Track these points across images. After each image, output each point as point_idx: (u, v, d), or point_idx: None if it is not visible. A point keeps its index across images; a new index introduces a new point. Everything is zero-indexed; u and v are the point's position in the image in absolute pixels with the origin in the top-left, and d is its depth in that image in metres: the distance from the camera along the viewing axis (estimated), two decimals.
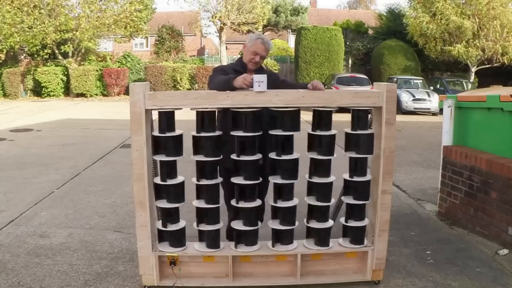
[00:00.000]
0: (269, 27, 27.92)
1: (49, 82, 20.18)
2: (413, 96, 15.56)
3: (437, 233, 3.90)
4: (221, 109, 2.78)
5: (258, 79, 2.53)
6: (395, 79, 17.36)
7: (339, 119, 3.38)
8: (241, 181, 2.72)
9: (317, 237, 2.85)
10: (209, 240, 2.80)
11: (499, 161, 3.56)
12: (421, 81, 17.49)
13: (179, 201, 2.76)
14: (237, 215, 2.82)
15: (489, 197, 3.64)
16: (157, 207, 2.82)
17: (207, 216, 2.78)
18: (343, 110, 2.75)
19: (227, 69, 3.02)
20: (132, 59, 22.28)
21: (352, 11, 39.99)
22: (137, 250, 2.79)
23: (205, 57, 27.22)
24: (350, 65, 23.14)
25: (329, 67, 19.26)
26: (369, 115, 2.77)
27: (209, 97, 2.60)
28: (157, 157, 2.71)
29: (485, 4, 17.94)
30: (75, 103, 18.25)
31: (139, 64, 22.20)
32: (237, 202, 2.75)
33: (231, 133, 2.68)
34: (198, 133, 2.68)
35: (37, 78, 20.29)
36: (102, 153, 7.38)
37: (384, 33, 23.79)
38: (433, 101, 15.20)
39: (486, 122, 3.95)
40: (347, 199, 2.85)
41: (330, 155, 2.73)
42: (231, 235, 3.00)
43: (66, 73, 20.57)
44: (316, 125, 2.74)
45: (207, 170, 2.73)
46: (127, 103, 3.31)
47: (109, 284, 2.87)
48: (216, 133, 2.69)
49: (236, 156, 2.69)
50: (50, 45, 19.25)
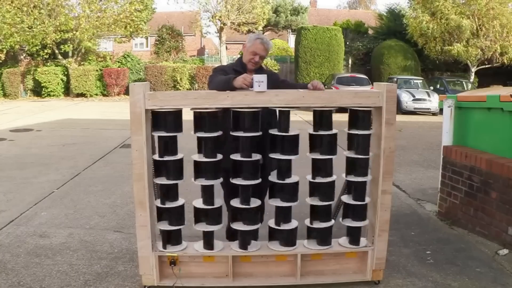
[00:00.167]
0: (269, 27, 27.94)
1: (49, 82, 20.18)
2: (413, 96, 15.56)
3: (437, 233, 3.90)
4: (221, 109, 2.78)
5: (258, 79, 2.53)
6: (395, 79, 17.35)
7: (339, 119, 3.38)
8: (241, 182, 2.71)
9: (319, 237, 2.85)
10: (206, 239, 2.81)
11: (499, 161, 3.56)
12: (421, 81, 17.49)
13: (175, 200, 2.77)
14: (238, 215, 2.82)
15: (489, 197, 3.64)
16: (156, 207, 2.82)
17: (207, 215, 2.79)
18: (343, 110, 2.75)
19: (227, 69, 3.01)
20: (132, 59, 22.28)
21: (352, 11, 40.01)
22: (137, 250, 2.79)
23: (205, 57, 27.22)
24: (350, 65, 23.14)
25: (329, 67, 19.27)
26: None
27: (209, 97, 2.60)
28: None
29: (484, 4, 17.94)
30: (75, 103, 18.25)
31: (139, 64, 22.19)
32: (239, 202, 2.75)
33: (231, 133, 2.68)
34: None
35: (37, 78, 20.28)
36: (102, 153, 7.38)
37: (384, 33, 23.80)
38: (433, 101, 15.20)
39: (486, 122, 3.95)
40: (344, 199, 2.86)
41: (331, 155, 2.73)
42: (231, 235, 3.00)
43: (66, 73, 20.58)
44: (317, 125, 2.74)
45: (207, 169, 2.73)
46: (127, 103, 3.31)
47: (109, 284, 2.88)
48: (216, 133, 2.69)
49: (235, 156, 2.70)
50: (50, 45, 19.24)
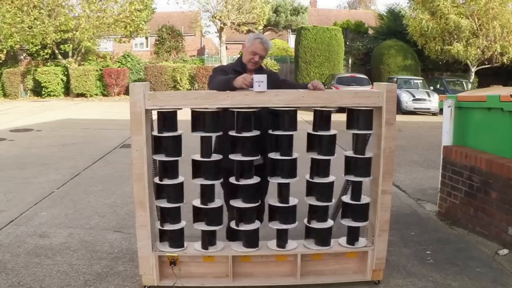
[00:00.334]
0: (269, 27, 27.93)
1: (49, 82, 20.17)
2: (413, 96, 15.56)
3: (437, 233, 3.90)
4: (220, 109, 2.78)
5: (258, 79, 2.53)
6: (395, 79, 17.35)
7: (339, 119, 3.38)
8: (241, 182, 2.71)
9: (318, 237, 2.85)
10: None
11: (499, 161, 3.56)
12: (421, 81, 17.48)
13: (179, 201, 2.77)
14: (238, 215, 2.83)
15: (489, 197, 3.64)
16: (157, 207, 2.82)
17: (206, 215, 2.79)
18: (342, 110, 2.75)
19: (227, 69, 3.01)
20: (132, 59, 22.28)
21: (352, 11, 40.00)
22: (137, 250, 2.79)
23: (205, 57, 27.19)
24: (350, 65, 23.11)
25: (329, 67, 19.25)
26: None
27: (209, 97, 2.60)
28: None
29: (484, 4, 17.94)
30: (75, 103, 18.25)
31: (139, 64, 22.19)
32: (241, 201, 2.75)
33: (230, 133, 2.68)
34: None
35: (37, 78, 20.28)
36: (102, 153, 7.38)
37: (384, 33, 23.78)
38: (433, 101, 15.20)
39: (486, 122, 3.95)
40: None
41: (330, 155, 2.73)
42: (231, 235, 3.00)
43: (66, 73, 20.57)
44: (317, 125, 2.74)
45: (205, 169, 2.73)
46: (127, 103, 3.31)
47: (109, 284, 2.88)
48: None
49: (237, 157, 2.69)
50: (50, 45, 19.24)
